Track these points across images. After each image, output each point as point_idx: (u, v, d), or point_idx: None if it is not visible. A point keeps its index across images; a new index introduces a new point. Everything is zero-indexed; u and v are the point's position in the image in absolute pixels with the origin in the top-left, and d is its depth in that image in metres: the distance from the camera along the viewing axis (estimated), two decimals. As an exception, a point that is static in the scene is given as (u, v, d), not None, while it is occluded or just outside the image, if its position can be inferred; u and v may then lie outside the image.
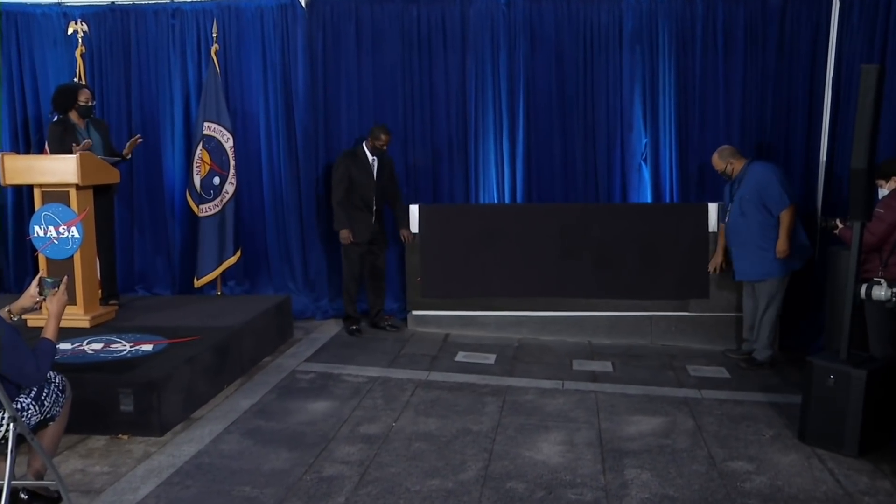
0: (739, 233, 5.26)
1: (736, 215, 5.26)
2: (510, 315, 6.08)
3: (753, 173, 5.18)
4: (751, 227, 5.16)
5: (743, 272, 5.30)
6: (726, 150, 5.34)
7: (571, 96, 6.22)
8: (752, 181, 5.16)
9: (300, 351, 5.62)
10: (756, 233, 5.15)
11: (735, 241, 5.32)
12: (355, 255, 6.00)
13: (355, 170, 5.86)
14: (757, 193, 5.11)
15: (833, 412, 3.81)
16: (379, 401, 4.57)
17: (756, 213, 5.12)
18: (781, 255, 5.08)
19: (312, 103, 6.42)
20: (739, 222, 5.24)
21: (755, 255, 5.19)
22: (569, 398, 4.65)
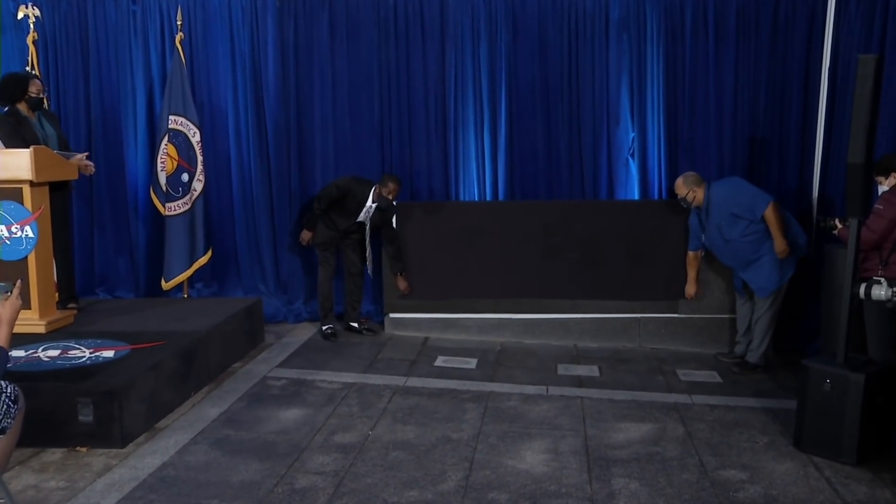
0: (735, 258, 5.28)
1: (721, 246, 5.29)
2: (492, 318, 6.08)
3: (716, 197, 5.22)
4: (742, 248, 5.19)
5: (763, 288, 5.26)
6: (691, 177, 5.36)
7: (555, 88, 6.21)
8: (717, 205, 5.20)
9: (271, 356, 5.59)
10: (749, 250, 5.17)
11: (738, 264, 5.32)
12: (326, 260, 6.00)
13: (350, 202, 5.86)
14: (729, 213, 5.14)
15: (830, 418, 3.82)
16: (354, 408, 4.55)
17: (740, 231, 5.14)
18: (783, 255, 5.10)
19: (284, 96, 6.38)
20: (728, 249, 5.26)
21: (766, 267, 5.18)
22: (553, 404, 4.64)
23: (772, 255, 5.13)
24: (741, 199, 5.11)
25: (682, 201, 5.39)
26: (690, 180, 5.34)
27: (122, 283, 6.69)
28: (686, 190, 5.33)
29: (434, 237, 6.05)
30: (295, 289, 6.64)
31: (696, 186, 5.31)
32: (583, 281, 5.93)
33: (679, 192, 5.38)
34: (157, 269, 6.42)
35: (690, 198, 5.32)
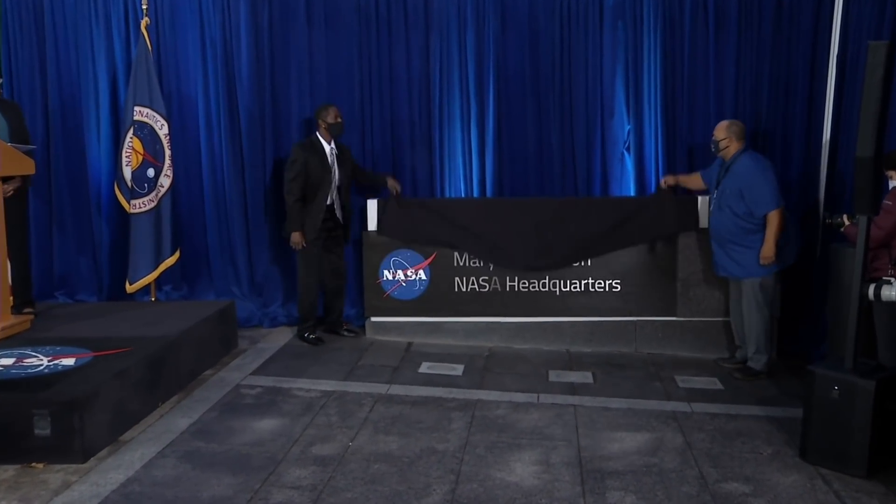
0: (717, 229, 5.33)
1: (716, 210, 5.33)
2: (480, 321, 6.07)
3: (742, 165, 5.21)
4: (728, 225, 5.23)
5: (723, 268, 5.38)
6: (736, 128, 5.33)
7: (546, 79, 6.20)
8: (738, 173, 5.20)
9: (245, 363, 5.56)
10: (734, 232, 5.21)
11: (713, 235, 5.39)
12: (311, 257, 5.96)
13: (312, 162, 5.82)
14: (739, 189, 5.15)
15: (838, 427, 3.81)
16: (334, 418, 4.52)
17: (735, 210, 5.17)
18: (765, 262, 5.13)
19: (258, 86, 6.34)
20: (717, 217, 5.32)
21: (735, 254, 5.26)
22: (545, 413, 4.63)
23: (752, 249, 5.16)
24: (756, 186, 5.10)
25: (712, 143, 5.37)
26: (734, 130, 5.31)
27: (83, 285, 6.62)
28: (725, 136, 5.30)
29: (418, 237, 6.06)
30: (271, 291, 6.60)
31: (736, 139, 5.29)
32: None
33: (717, 135, 5.34)
34: (121, 271, 6.35)
35: (724, 146, 5.30)
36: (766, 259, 5.12)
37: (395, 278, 6.07)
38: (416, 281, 6.06)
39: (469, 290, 6.03)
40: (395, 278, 6.07)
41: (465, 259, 6.01)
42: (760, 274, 5.20)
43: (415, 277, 6.06)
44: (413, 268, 6.06)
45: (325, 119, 5.86)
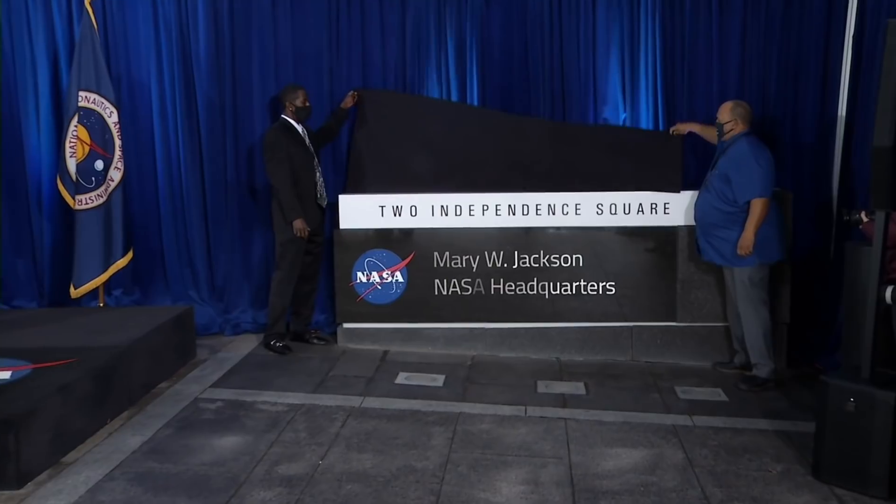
0: (702, 210, 5.41)
1: (704, 190, 5.42)
2: (462, 327, 6.07)
3: (737, 147, 5.27)
4: (710, 208, 5.31)
5: (706, 251, 5.45)
6: (742, 110, 5.35)
7: (535, 63, 6.21)
8: (731, 155, 5.27)
9: (204, 374, 5.53)
10: (716, 216, 5.29)
11: (697, 218, 5.49)
12: (300, 252, 5.95)
13: (294, 148, 5.86)
14: (727, 172, 5.21)
15: (855, 443, 3.80)
16: (302, 434, 4.51)
17: (719, 193, 5.24)
18: (742, 252, 5.16)
19: (217, 70, 6.30)
20: (702, 198, 5.42)
21: (714, 240, 5.35)
22: (533, 427, 4.63)
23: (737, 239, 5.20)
24: (744, 170, 5.15)
25: (717, 127, 5.42)
26: (740, 112, 5.33)
27: (22, 290, 6.54)
28: (730, 118, 5.33)
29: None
30: (233, 295, 6.58)
31: (741, 122, 5.32)
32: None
33: (721, 117, 5.37)
34: (64, 274, 6.27)
35: (728, 128, 5.34)
36: (742, 249, 5.15)
37: (369, 281, 6.05)
38: (392, 283, 6.04)
39: (450, 293, 6.02)
40: (370, 281, 6.04)
41: (447, 260, 6.00)
42: (742, 264, 5.23)
43: (391, 280, 6.04)
44: (389, 269, 6.04)
45: (293, 101, 5.87)
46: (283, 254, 5.96)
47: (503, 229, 5.97)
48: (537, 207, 5.94)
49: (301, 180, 5.87)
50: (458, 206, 5.98)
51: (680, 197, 5.82)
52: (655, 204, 5.87)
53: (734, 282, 5.36)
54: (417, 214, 6.00)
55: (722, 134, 5.38)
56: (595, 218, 5.92)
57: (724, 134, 5.37)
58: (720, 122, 5.37)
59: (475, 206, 5.98)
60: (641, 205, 5.88)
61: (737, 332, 5.56)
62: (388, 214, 6.01)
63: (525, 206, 5.95)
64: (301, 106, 5.87)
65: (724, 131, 5.35)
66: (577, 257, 5.94)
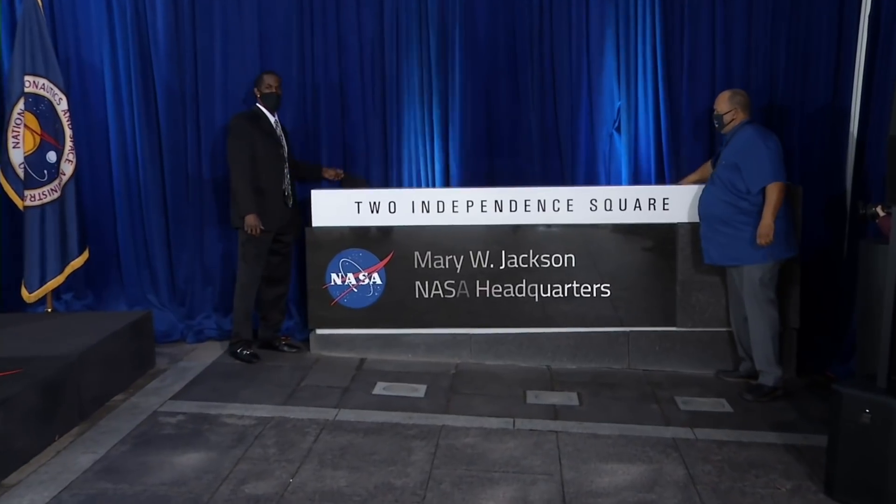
0: (706, 205, 5.43)
1: (709, 184, 5.44)
2: (445, 333, 6.08)
3: (743, 135, 5.30)
4: (718, 201, 5.32)
5: (709, 253, 5.46)
6: (741, 98, 5.41)
7: (523, 47, 6.24)
8: (736, 145, 5.30)
9: (164, 386, 5.51)
10: (724, 209, 5.30)
11: (702, 213, 5.49)
12: (262, 251, 5.94)
13: (259, 138, 5.86)
14: (735, 162, 5.24)
15: (871, 458, 3.79)
16: (271, 449, 4.49)
17: (728, 185, 5.26)
18: (762, 241, 5.17)
19: (177, 54, 6.31)
20: (708, 192, 5.43)
21: (721, 236, 5.35)
22: (522, 441, 4.63)
23: (744, 230, 5.22)
24: (754, 156, 5.17)
25: (715, 119, 5.46)
26: (739, 100, 5.38)
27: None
28: (729, 108, 5.37)
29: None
30: (196, 299, 6.59)
31: (741, 111, 5.37)
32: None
33: (719, 108, 5.42)
34: (11, 277, 6.24)
35: (728, 119, 5.38)
36: (763, 238, 5.15)
37: (344, 283, 6.03)
38: (369, 286, 6.03)
39: (432, 296, 6.02)
40: (345, 283, 6.03)
41: (428, 260, 6.00)
42: (752, 261, 5.23)
43: (368, 282, 6.03)
44: (366, 270, 6.02)
45: (262, 89, 5.90)
46: (244, 254, 5.95)
47: (489, 227, 5.97)
48: (526, 203, 5.93)
49: (264, 173, 5.86)
50: (441, 201, 5.97)
51: (681, 191, 5.84)
52: (654, 199, 5.87)
53: (741, 281, 5.37)
54: (396, 211, 5.98)
55: (721, 125, 5.42)
56: (588, 214, 5.90)
57: (723, 125, 5.40)
58: (719, 113, 5.41)
59: (459, 202, 5.96)
60: (638, 200, 5.87)
61: (741, 338, 5.58)
62: (364, 211, 6.00)
63: (513, 201, 5.93)
64: (266, 92, 5.87)
65: (724, 122, 5.39)
66: (570, 257, 5.94)
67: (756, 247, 5.19)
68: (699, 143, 6.06)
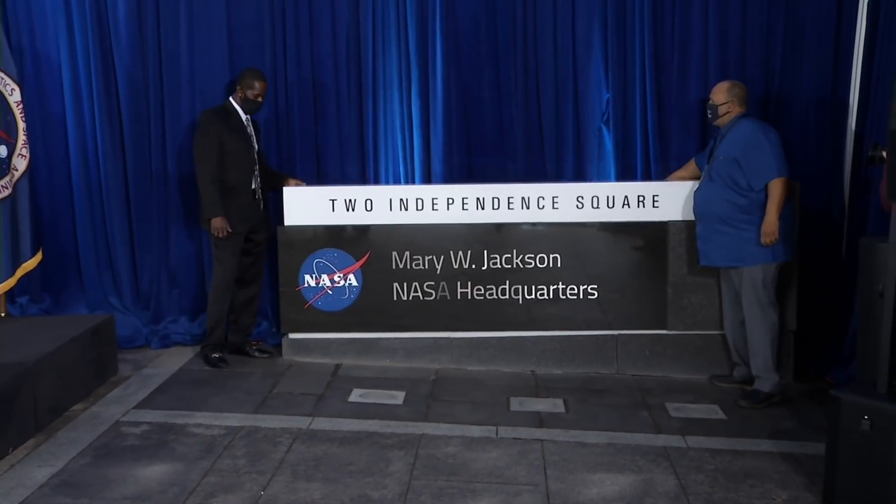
0: (704, 204, 5.45)
1: (705, 181, 5.47)
2: (424, 337, 6.08)
3: (741, 129, 5.34)
4: (717, 199, 5.34)
5: (707, 255, 5.48)
6: (739, 90, 5.44)
7: (506, 35, 6.25)
8: (734, 139, 5.33)
9: (127, 394, 5.49)
10: (724, 208, 5.32)
11: (698, 213, 5.51)
12: (235, 250, 5.95)
13: (228, 135, 5.84)
14: (735, 157, 5.26)
15: (871, 467, 3.78)
16: (241, 461, 4.48)
17: (728, 182, 5.29)
18: (767, 240, 5.21)
19: (140, 42, 6.27)
20: (705, 190, 5.45)
21: (720, 236, 5.37)
22: (505, 450, 4.64)
23: (744, 230, 5.25)
24: (755, 152, 5.21)
25: (709, 110, 5.48)
26: (737, 93, 5.41)
27: None
28: (726, 99, 5.41)
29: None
30: (161, 302, 6.57)
31: (738, 104, 5.41)
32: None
33: (715, 98, 5.44)
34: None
35: (723, 111, 5.41)
36: (767, 236, 5.19)
37: (318, 285, 6.04)
38: (345, 288, 6.04)
39: (411, 298, 6.03)
40: (320, 285, 6.04)
41: (407, 260, 6.00)
42: (755, 262, 5.27)
43: (344, 283, 6.04)
44: (341, 271, 6.03)
45: (245, 90, 5.86)
46: (217, 254, 5.95)
47: (471, 225, 5.98)
48: (509, 200, 5.94)
49: (234, 171, 5.85)
50: (420, 199, 5.98)
51: (672, 187, 5.86)
52: (643, 196, 5.89)
53: (741, 283, 5.39)
54: (373, 209, 5.99)
55: (715, 117, 5.45)
56: (575, 212, 5.93)
57: (717, 117, 5.44)
58: (714, 104, 5.43)
59: (439, 200, 5.97)
60: (627, 197, 5.90)
61: (736, 342, 5.60)
62: (339, 209, 6.00)
63: (496, 199, 5.95)
64: (252, 98, 5.86)
65: (719, 114, 5.42)
66: (555, 257, 5.96)
67: (759, 247, 5.23)
68: (692, 137, 6.10)
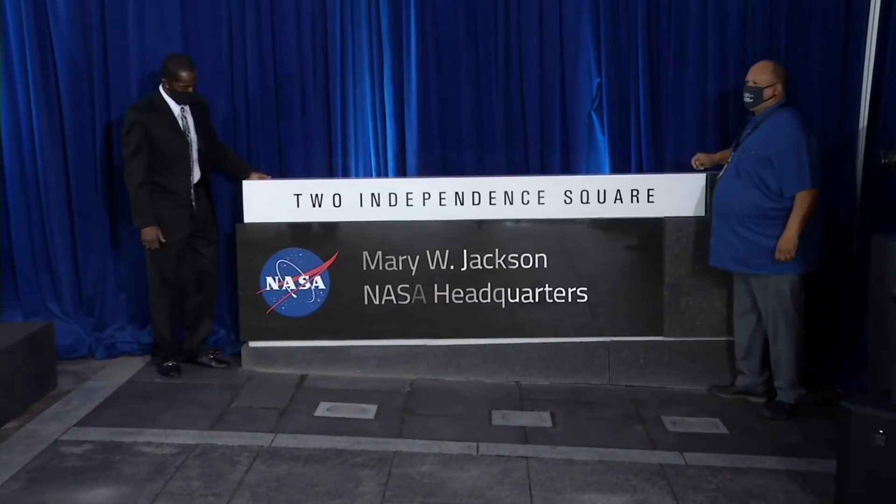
0: (726, 202, 5.40)
1: (730, 176, 5.39)
2: (398, 345, 6.10)
3: (781, 122, 5.25)
4: (743, 199, 5.28)
5: (719, 255, 5.47)
6: (782, 70, 5.37)
7: (486, 15, 6.26)
8: (772, 132, 5.24)
9: (68, 410, 5.44)
10: (750, 209, 5.26)
11: (718, 208, 5.47)
12: (169, 261, 5.94)
13: (158, 131, 5.80)
14: (768, 155, 5.19)
15: (886, 486, 3.80)
16: (195, 482, 4.45)
17: (758, 181, 5.22)
18: (782, 257, 5.18)
19: (82, 20, 6.22)
20: (729, 187, 5.39)
21: (741, 240, 5.32)
22: (487, 469, 4.64)
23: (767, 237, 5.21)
24: (793, 153, 5.14)
25: (750, 91, 5.34)
26: (781, 74, 5.32)
27: None
28: (772, 81, 5.30)
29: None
30: (107, 308, 6.55)
31: (780, 85, 5.31)
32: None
33: (758, 79, 5.32)
34: None
35: (768, 94, 5.30)
36: (784, 254, 5.16)
37: (282, 288, 6.04)
38: (311, 291, 6.04)
39: (384, 302, 6.03)
40: (283, 288, 6.03)
41: (379, 261, 6.02)
42: (781, 272, 5.24)
43: (309, 286, 6.04)
44: (307, 273, 6.03)
45: (171, 82, 5.79)
46: (150, 261, 5.97)
47: (449, 222, 6.01)
48: (491, 195, 5.96)
49: (165, 172, 5.82)
50: (393, 193, 6.00)
51: (668, 180, 5.89)
52: (637, 190, 5.91)
53: (765, 293, 5.35)
54: (342, 204, 6.00)
55: (758, 101, 5.32)
56: (563, 207, 5.94)
57: (761, 101, 5.31)
58: (758, 86, 5.30)
59: (414, 194, 6.00)
60: (620, 191, 5.92)
61: (743, 346, 5.59)
62: (305, 204, 6.01)
63: (476, 193, 5.97)
64: (180, 91, 5.79)
65: (764, 98, 5.30)
66: (541, 257, 5.98)
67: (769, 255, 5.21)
68: (689, 126, 6.11)
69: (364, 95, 6.37)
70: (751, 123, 5.40)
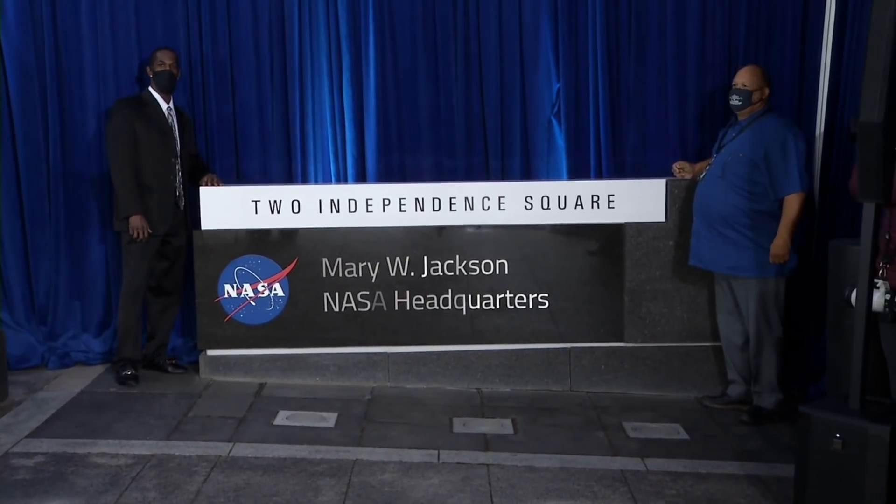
0: (709, 204, 5.41)
1: (714, 176, 5.41)
2: (357, 353, 6.09)
3: (769, 126, 5.30)
4: (728, 201, 5.31)
5: (700, 255, 5.49)
6: (767, 74, 5.42)
7: (445, 18, 6.30)
8: (757, 136, 5.29)
9: (18, 421, 5.38)
10: (735, 212, 5.31)
11: (701, 208, 5.48)
12: (145, 256, 5.93)
13: (144, 126, 5.84)
14: (754, 158, 5.23)
15: (844, 488, 3.83)
16: (151, 493, 4.41)
17: (742, 182, 5.27)
18: (777, 260, 5.25)
19: (31, 20, 6.20)
20: (712, 188, 5.40)
21: (724, 241, 5.35)
22: (447, 476, 4.64)
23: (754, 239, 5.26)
24: (782, 159, 5.19)
25: (739, 94, 5.36)
26: (767, 78, 5.37)
27: None
28: (760, 84, 5.35)
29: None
30: (60, 316, 6.50)
31: (766, 89, 5.36)
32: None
33: (747, 82, 5.35)
34: None
35: (756, 98, 5.35)
36: (777, 258, 5.22)
37: (240, 295, 6.01)
38: (269, 298, 6.02)
39: (343, 309, 6.02)
40: (241, 295, 6.01)
41: (338, 268, 6.01)
42: (765, 274, 5.29)
43: (268, 294, 6.02)
44: (266, 280, 6.00)
45: (150, 64, 5.91)
46: (126, 259, 5.94)
47: (409, 228, 6.01)
48: (451, 201, 5.96)
49: (151, 168, 5.84)
50: (353, 199, 5.98)
51: (628, 186, 5.91)
52: (597, 196, 5.93)
53: (747, 295, 5.39)
54: (301, 211, 5.99)
55: (747, 104, 5.36)
56: (523, 213, 5.96)
57: (748, 105, 5.36)
58: (747, 89, 5.34)
59: (374, 200, 5.99)
60: (580, 197, 5.93)
61: (734, 358, 5.61)
62: (263, 211, 5.99)
63: (436, 199, 5.97)
64: (159, 70, 5.85)
65: (752, 101, 5.35)
66: (502, 263, 5.99)
67: (766, 258, 5.24)
68: (649, 129, 6.16)
69: (323, 99, 6.40)
70: (735, 127, 5.44)
